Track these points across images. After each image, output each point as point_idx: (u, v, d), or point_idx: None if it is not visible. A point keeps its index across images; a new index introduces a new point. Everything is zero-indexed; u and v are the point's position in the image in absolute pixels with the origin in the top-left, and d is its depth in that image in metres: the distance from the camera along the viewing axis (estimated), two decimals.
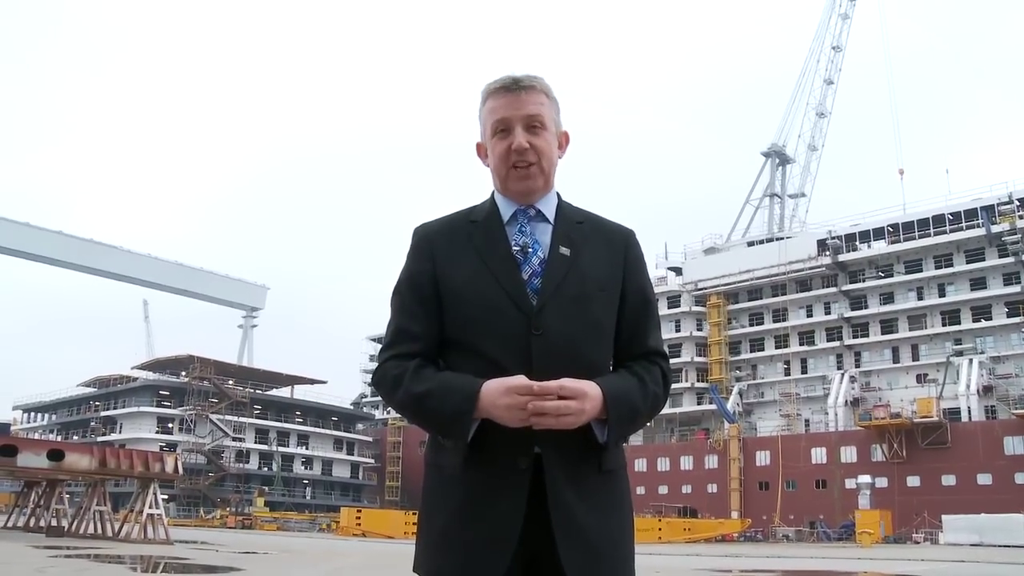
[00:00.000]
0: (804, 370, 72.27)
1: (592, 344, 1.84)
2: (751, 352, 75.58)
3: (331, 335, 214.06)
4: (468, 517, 1.76)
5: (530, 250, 1.87)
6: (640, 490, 67.57)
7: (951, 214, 66.37)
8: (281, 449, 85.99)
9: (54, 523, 29.62)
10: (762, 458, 67.34)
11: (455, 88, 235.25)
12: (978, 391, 60.34)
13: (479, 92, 1.97)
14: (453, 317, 1.84)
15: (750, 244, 79.20)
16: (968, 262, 64.85)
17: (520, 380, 1.70)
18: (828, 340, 71.11)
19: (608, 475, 1.84)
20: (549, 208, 1.93)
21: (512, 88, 1.90)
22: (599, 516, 1.79)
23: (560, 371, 1.74)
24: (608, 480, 1.84)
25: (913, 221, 68.27)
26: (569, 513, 1.75)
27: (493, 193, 1.97)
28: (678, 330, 76.52)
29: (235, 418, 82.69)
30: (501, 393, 1.70)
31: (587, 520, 1.77)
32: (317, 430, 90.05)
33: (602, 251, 1.91)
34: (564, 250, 1.87)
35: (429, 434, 1.89)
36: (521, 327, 1.78)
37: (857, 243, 71.22)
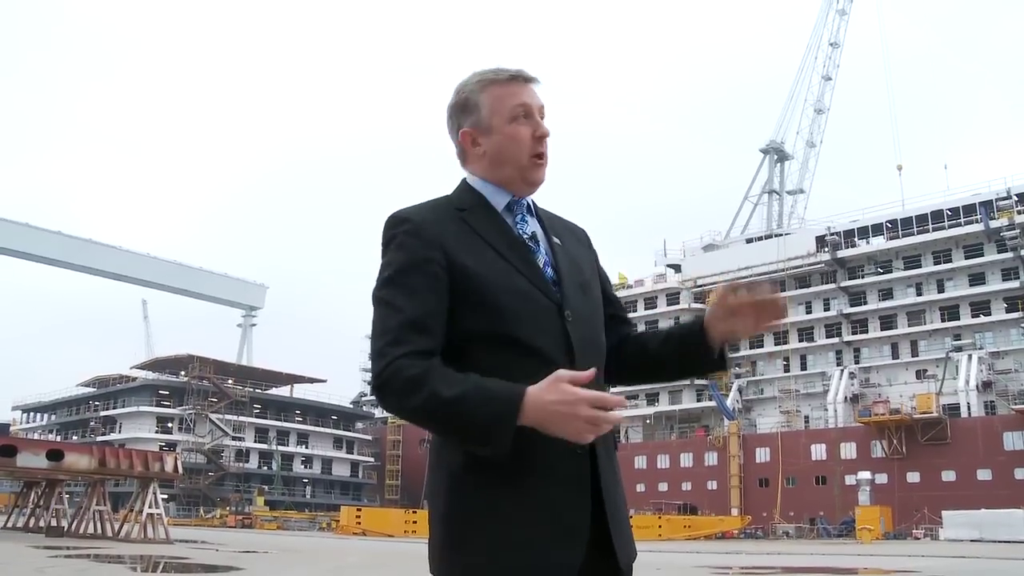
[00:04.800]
0: (803, 366, 72.28)
1: (602, 327, 1.90)
2: (750, 349, 75.43)
3: (330, 334, 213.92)
4: (534, 510, 1.65)
5: (538, 239, 1.87)
6: (640, 487, 67.59)
7: (949, 210, 66.36)
8: (281, 448, 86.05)
9: (54, 523, 29.63)
10: (762, 455, 67.34)
11: (452, 89, 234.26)
12: (977, 387, 60.36)
13: (475, 81, 1.90)
14: (480, 308, 1.72)
15: (749, 241, 79.21)
16: (967, 258, 64.87)
17: (570, 373, 1.56)
18: (827, 336, 71.10)
19: (615, 450, 1.87)
20: (531, 201, 1.94)
21: (528, 78, 1.89)
22: (621, 495, 1.82)
23: (592, 356, 1.78)
24: (615, 456, 1.86)
25: (912, 217, 68.26)
26: (613, 500, 1.75)
27: (466, 183, 1.89)
28: None
29: (235, 417, 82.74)
30: (549, 387, 1.54)
31: (620, 504, 1.79)
32: (317, 429, 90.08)
33: (573, 239, 1.96)
34: (556, 239, 1.89)
35: (459, 438, 1.66)
36: (554, 315, 1.76)
37: (856, 239, 71.22)
